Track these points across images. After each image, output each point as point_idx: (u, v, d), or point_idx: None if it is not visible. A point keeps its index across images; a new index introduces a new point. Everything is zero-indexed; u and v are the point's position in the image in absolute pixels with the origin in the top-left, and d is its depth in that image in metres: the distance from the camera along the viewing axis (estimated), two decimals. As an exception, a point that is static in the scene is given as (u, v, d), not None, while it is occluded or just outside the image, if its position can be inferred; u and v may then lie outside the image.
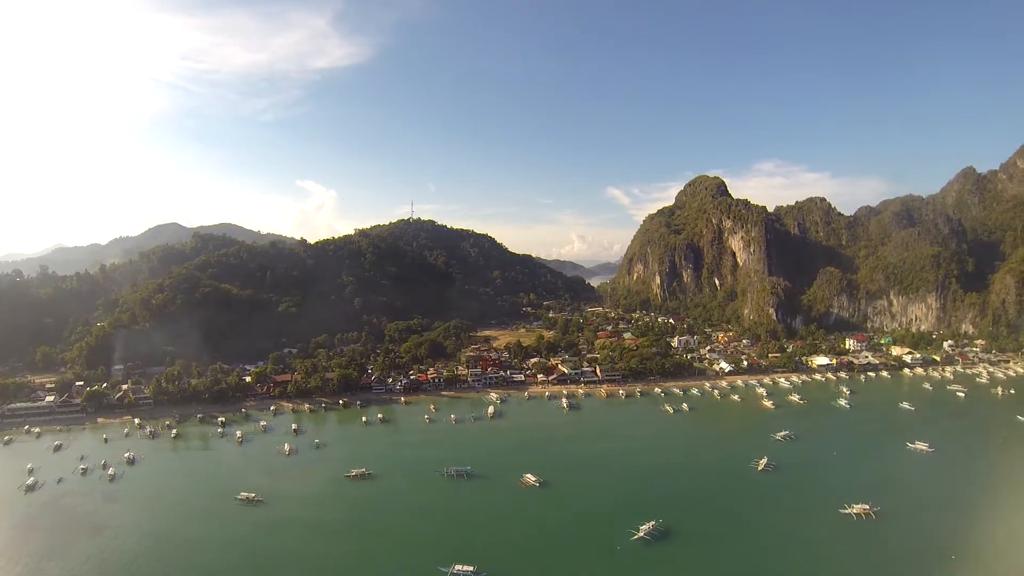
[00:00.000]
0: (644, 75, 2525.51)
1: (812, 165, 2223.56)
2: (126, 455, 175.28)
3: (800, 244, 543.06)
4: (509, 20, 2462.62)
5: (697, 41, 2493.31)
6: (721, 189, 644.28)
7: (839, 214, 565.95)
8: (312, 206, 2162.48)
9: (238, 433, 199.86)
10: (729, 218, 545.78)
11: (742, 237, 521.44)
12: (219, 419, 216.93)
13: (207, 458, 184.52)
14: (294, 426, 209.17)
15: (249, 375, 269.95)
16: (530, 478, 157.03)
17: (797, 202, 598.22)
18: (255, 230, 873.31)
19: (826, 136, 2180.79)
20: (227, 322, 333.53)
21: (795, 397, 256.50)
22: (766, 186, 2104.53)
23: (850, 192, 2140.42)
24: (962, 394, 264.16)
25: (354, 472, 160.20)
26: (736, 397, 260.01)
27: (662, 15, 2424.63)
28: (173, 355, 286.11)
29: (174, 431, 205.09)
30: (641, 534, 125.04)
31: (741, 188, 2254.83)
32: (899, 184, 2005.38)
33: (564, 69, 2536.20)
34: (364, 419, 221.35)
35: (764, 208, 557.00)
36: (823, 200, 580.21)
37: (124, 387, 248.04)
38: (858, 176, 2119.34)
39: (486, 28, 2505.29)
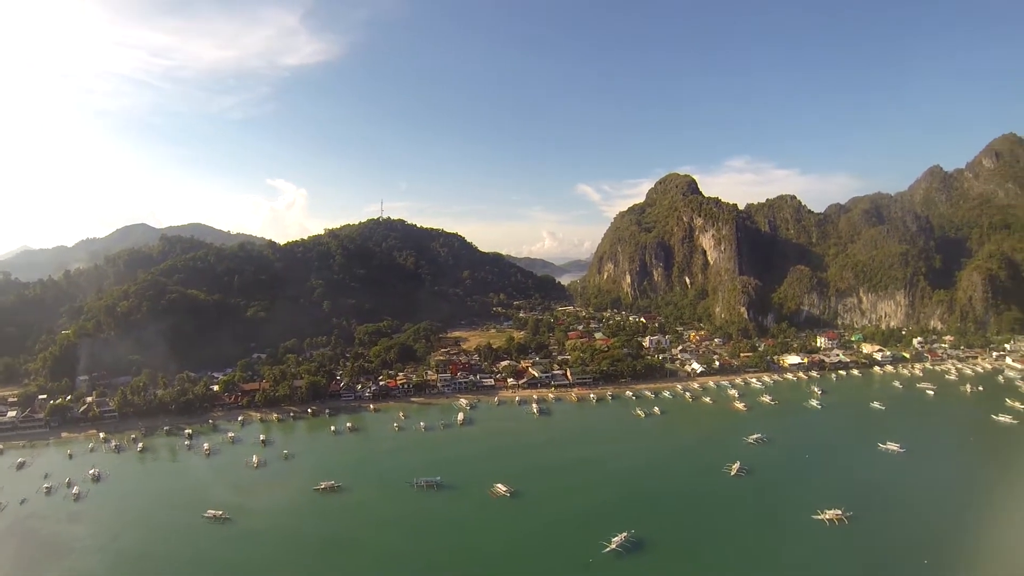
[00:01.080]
0: (614, 72, 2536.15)
1: (781, 162, 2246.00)
2: (91, 472, 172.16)
3: (770, 242, 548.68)
4: (479, 17, 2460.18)
5: (667, 39, 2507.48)
6: (692, 187, 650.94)
7: (809, 212, 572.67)
8: (283, 204, 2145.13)
9: (205, 445, 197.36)
10: (700, 216, 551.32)
11: (713, 235, 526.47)
12: (186, 431, 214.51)
13: (174, 473, 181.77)
14: (262, 437, 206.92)
15: (217, 384, 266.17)
16: (501, 488, 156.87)
17: (768, 200, 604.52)
18: (225, 230, 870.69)
19: (795, 134, 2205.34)
20: (194, 329, 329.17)
21: (767, 398, 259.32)
22: (736, 182, 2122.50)
23: (820, 188, 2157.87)
24: (931, 392, 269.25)
25: (323, 485, 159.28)
26: (708, 399, 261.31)
27: (632, 13, 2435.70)
28: (139, 364, 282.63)
29: (140, 445, 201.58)
30: (613, 546, 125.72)
31: (712, 184, 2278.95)
32: (868, 180, 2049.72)
33: (533, 66, 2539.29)
34: (333, 428, 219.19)
35: (735, 206, 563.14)
36: (793, 198, 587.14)
37: (89, 400, 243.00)
38: (827, 173, 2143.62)
39: (456, 25, 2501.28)
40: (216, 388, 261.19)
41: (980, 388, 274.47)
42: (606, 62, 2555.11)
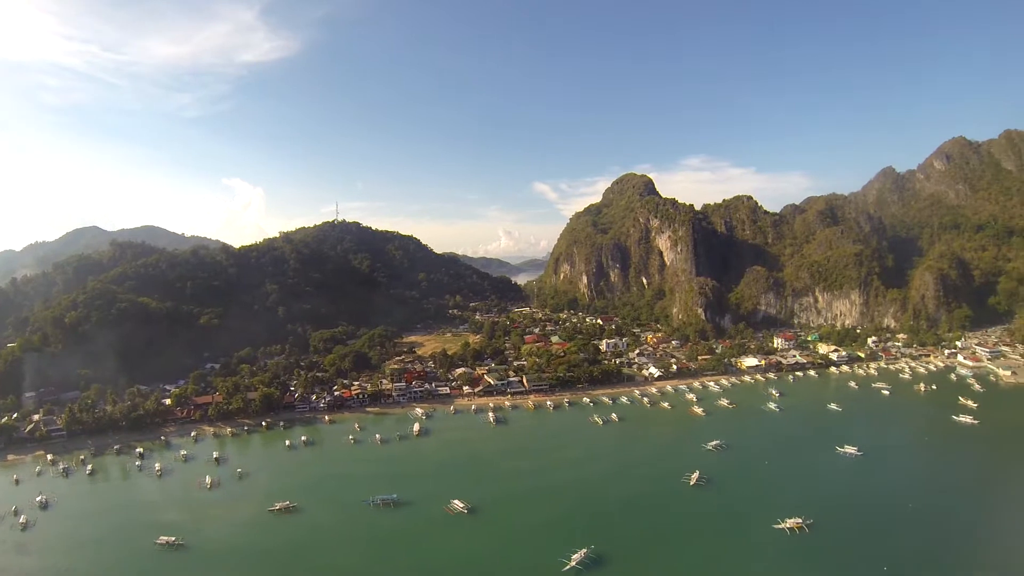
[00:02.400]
0: (569, 72, 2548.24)
1: (737, 161, 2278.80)
2: (38, 498, 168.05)
3: (727, 242, 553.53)
4: (435, 17, 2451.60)
5: (621, 38, 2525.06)
6: (649, 187, 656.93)
7: (765, 212, 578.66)
8: (239, 205, 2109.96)
9: (157, 465, 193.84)
10: (656, 217, 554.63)
11: (669, 236, 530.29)
12: (137, 449, 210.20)
13: (125, 496, 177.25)
14: (216, 454, 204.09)
15: (169, 397, 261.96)
16: (458, 504, 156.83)
17: (724, 200, 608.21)
18: (179, 232, 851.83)
19: (751, 133, 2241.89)
20: (145, 339, 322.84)
21: (725, 402, 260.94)
22: (693, 180, 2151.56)
23: (775, 187, 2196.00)
24: (887, 392, 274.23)
25: (278, 506, 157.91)
26: (666, 404, 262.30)
27: (585, 13, 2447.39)
28: (88, 379, 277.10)
29: (89, 466, 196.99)
30: (573, 563, 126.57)
31: (668, 182, 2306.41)
32: (822, 180, 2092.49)
33: (490, 65, 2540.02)
34: (288, 442, 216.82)
35: (691, 207, 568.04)
36: (750, 198, 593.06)
37: (36, 418, 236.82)
38: (783, 172, 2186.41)
39: (412, 25, 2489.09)
40: (168, 402, 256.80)
41: (933, 387, 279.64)
42: (561, 61, 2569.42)
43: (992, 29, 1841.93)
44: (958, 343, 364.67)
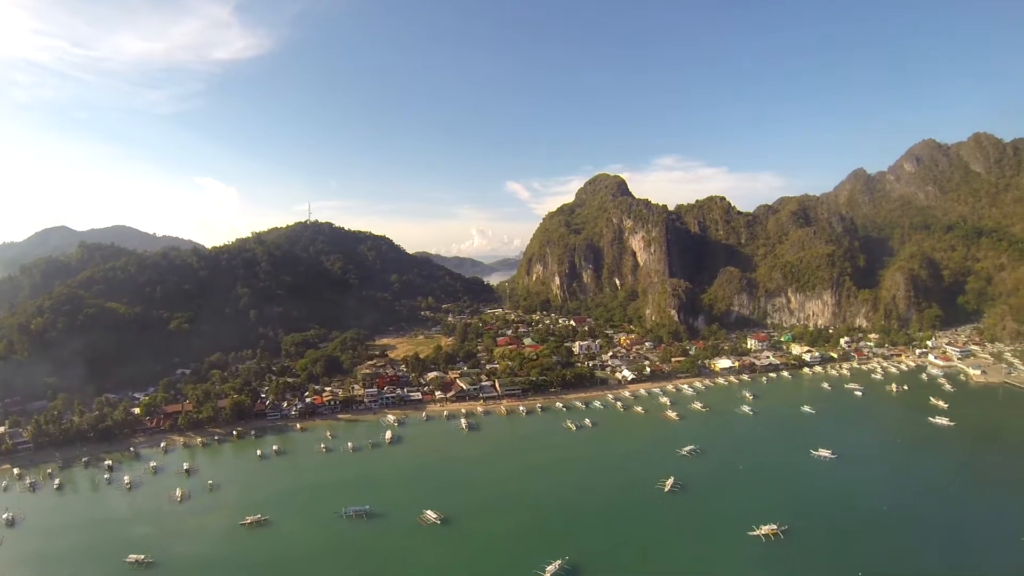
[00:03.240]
0: (542, 71, 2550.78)
1: (710, 160, 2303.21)
2: (5, 515, 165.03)
3: (700, 242, 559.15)
4: (409, 15, 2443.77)
5: (594, 37, 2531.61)
6: (622, 188, 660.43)
7: (738, 213, 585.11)
8: (212, 204, 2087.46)
9: (126, 478, 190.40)
10: (629, 218, 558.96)
11: (643, 237, 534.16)
12: (106, 462, 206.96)
13: (94, 511, 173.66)
14: (186, 465, 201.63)
15: (138, 406, 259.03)
16: (431, 515, 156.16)
17: (697, 200, 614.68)
18: (150, 233, 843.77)
19: (722, 133, 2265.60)
20: (114, 346, 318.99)
21: (699, 405, 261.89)
22: (666, 180, 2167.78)
23: (748, 187, 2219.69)
24: (859, 393, 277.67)
25: (250, 519, 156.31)
26: (640, 408, 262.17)
27: (557, 10, 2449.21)
28: (55, 388, 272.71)
29: (57, 480, 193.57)
30: (547, 575, 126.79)
31: (642, 182, 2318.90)
32: (794, 179, 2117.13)
33: (463, 63, 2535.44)
34: (259, 452, 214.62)
35: (665, 207, 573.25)
36: (723, 199, 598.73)
37: (0, 430, 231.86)
38: (755, 171, 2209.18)
39: (388, 22, 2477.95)
40: (137, 411, 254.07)
41: (905, 387, 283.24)
42: (534, 61, 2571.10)
43: (961, 34, 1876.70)
44: (929, 343, 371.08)
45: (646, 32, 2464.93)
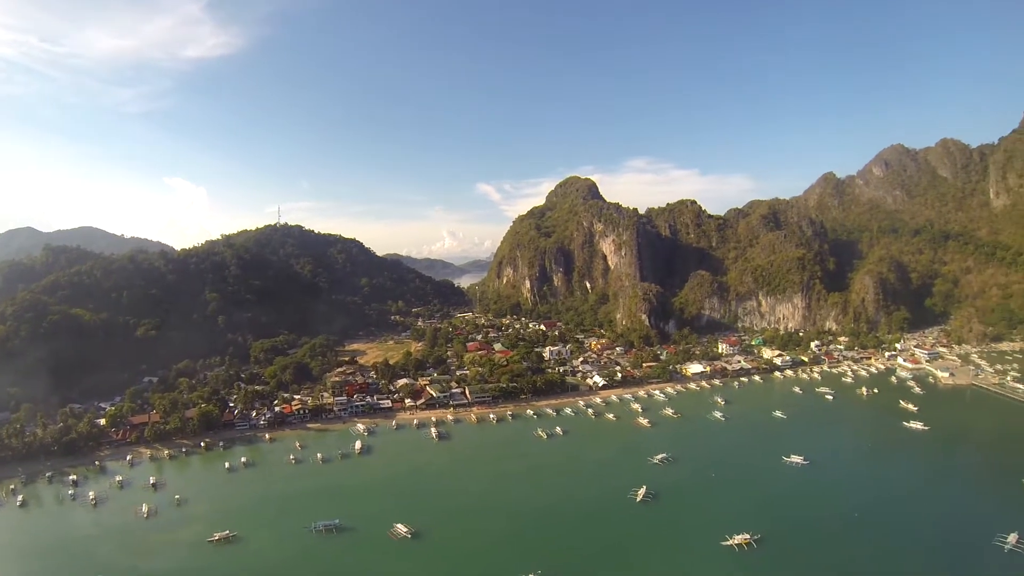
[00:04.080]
0: (512, 73, 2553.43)
1: (681, 162, 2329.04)
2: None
3: (671, 246, 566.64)
4: (382, 14, 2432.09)
5: (565, 38, 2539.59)
6: (593, 191, 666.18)
7: (709, 216, 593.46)
8: (181, 204, 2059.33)
9: (91, 494, 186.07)
10: (600, 221, 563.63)
11: (613, 240, 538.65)
12: (70, 477, 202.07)
13: (59, 531, 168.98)
14: (152, 479, 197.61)
15: (104, 416, 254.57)
16: (401, 528, 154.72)
17: (668, 204, 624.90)
18: (118, 234, 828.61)
19: (694, 136, 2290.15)
20: (79, 353, 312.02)
21: (670, 411, 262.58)
22: (637, 182, 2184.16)
23: (719, 189, 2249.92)
24: (830, 397, 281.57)
25: (218, 536, 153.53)
26: (611, 415, 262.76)
27: (530, 12, 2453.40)
28: (18, 399, 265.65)
29: (20, 496, 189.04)
30: None
31: (613, 184, 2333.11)
32: (765, 182, 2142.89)
33: (434, 64, 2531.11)
34: (227, 465, 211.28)
35: (635, 211, 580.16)
36: (694, 203, 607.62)
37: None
38: (726, 174, 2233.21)
39: (360, 22, 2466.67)
40: (103, 422, 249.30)
41: (875, 390, 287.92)
42: (507, 62, 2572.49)
43: (928, 41, 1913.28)
44: (897, 345, 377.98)
45: (619, 34, 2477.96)
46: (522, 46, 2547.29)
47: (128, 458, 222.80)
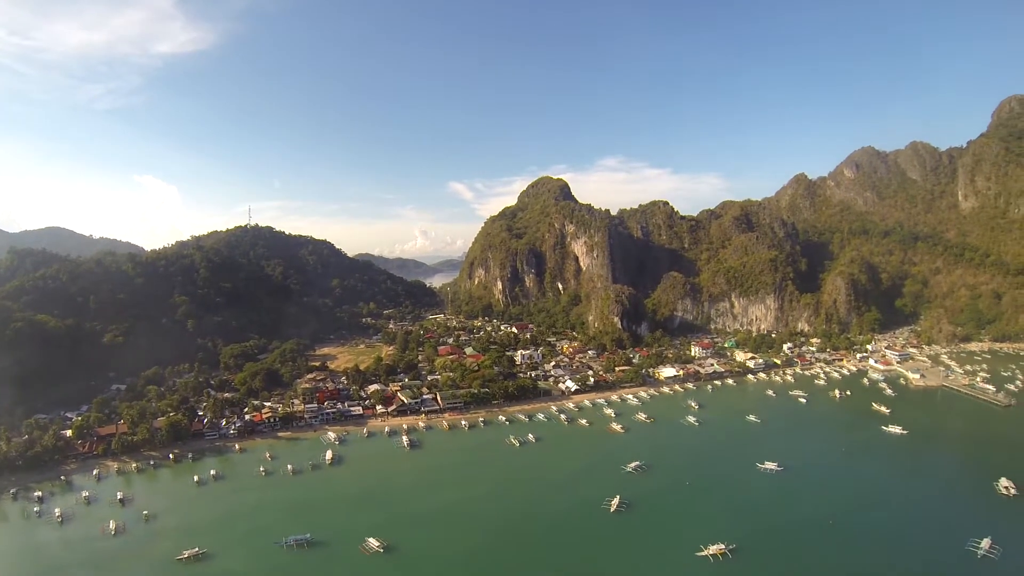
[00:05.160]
0: (487, 70, 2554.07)
1: (653, 161, 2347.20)
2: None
3: (643, 247, 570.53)
4: (354, 11, 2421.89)
5: (537, 39, 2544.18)
6: (564, 191, 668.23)
7: (681, 217, 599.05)
8: (151, 203, 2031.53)
9: (57, 511, 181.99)
10: (572, 223, 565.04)
11: (585, 242, 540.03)
12: (35, 493, 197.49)
13: (24, 552, 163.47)
14: (120, 495, 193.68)
15: (70, 428, 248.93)
16: (373, 543, 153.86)
17: (641, 205, 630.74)
18: (87, 234, 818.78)
19: (666, 135, 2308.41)
20: (45, 362, 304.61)
21: (643, 416, 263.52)
22: (610, 181, 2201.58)
23: (691, 188, 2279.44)
24: (803, 400, 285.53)
25: (187, 554, 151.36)
26: (584, 421, 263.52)
27: (503, 10, 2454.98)
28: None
29: None
30: None
31: (585, 183, 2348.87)
32: (736, 181, 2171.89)
33: (405, 63, 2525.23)
34: (196, 478, 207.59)
35: (607, 212, 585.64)
36: (666, 204, 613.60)
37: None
38: (698, 173, 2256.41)
39: (332, 19, 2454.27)
40: (69, 433, 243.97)
41: (848, 392, 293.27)
42: (481, 60, 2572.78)
43: (898, 46, 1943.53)
44: (869, 346, 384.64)
45: (591, 32, 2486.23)
46: (496, 44, 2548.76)
47: (95, 472, 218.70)
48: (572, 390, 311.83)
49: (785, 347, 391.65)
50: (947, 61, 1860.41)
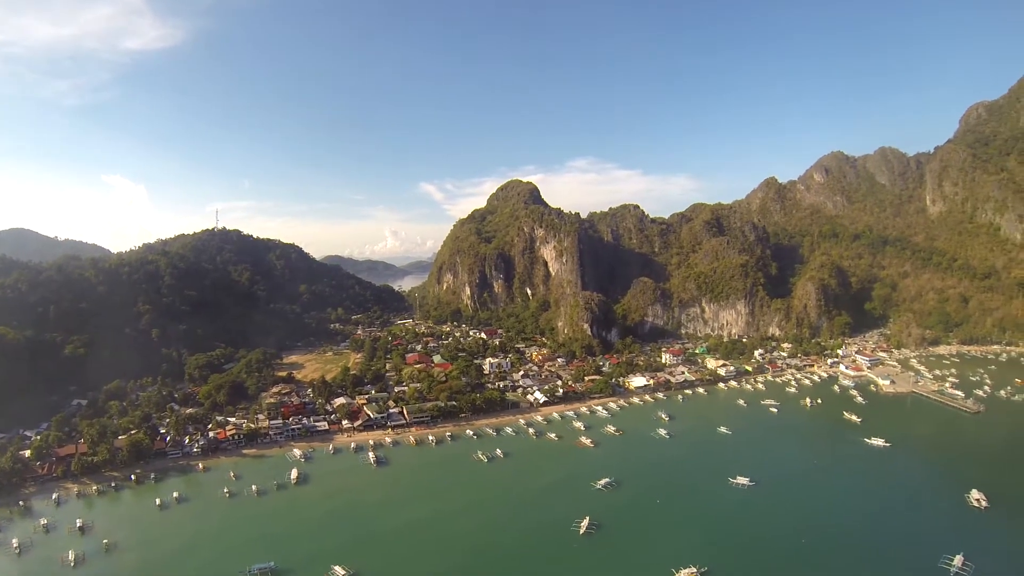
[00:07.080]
0: (457, 69, 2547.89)
1: (623, 163, 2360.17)
2: None
3: (613, 251, 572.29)
4: (324, 8, 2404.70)
5: (506, 40, 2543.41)
6: (534, 195, 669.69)
7: (652, 221, 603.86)
8: (119, 203, 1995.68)
9: (14, 541, 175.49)
10: (541, 227, 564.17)
11: (554, 247, 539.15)
12: None
13: None
14: (79, 522, 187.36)
15: (29, 448, 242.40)
16: (339, 571, 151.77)
17: (611, 208, 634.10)
18: (52, 236, 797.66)
19: (636, 136, 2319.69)
20: (3, 376, 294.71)
21: (612, 428, 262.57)
22: (580, 182, 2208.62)
23: (662, 189, 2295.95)
24: (775, 410, 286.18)
25: None
26: (553, 435, 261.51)
27: (473, 8, 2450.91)
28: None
29: None
30: None
31: (555, 183, 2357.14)
32: (707, 182, 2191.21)
33: (376, 63, 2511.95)
34: (158, 500, 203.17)
35: (577, 215, 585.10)
36: (636, 207, 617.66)
37: None
38: (668, 174, 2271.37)
39: (302, 16, 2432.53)
40: (28, 454, 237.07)
41: (819, 401, 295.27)
42: (447, 62, 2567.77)
43: (869, 52, 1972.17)
44: (839, 351, 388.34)
45: (562, 33, 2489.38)
46: (465, 42, 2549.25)
47: (55, 496, 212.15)
48: (541, 402, 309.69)
49: (756, 353, 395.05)
50: (916, 66, 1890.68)
